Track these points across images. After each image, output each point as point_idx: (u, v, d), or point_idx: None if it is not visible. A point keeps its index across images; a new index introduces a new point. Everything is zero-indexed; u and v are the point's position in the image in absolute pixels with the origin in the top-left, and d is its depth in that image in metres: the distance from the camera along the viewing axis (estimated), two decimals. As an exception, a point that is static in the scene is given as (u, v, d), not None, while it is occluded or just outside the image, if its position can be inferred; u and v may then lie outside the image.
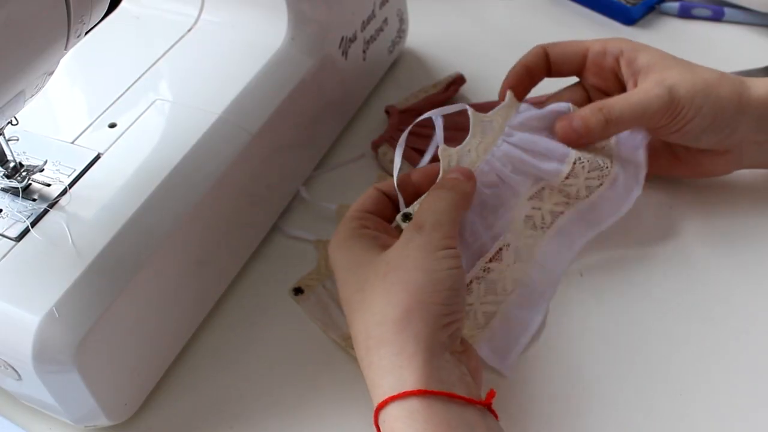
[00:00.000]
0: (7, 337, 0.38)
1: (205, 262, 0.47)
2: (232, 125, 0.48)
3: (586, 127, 0.48)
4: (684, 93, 0.48)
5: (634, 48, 0.51)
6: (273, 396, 0.46)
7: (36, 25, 0.34)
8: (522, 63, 0.53)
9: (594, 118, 0.48)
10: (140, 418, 0.45)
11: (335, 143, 0.60)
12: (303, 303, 0.50)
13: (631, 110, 0.48)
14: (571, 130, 0.49)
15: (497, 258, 0.48)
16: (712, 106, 0.48)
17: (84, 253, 0.40)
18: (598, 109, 0.48)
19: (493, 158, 0.49)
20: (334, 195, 0.56)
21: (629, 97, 0.49)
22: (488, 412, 0.38)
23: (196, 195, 0.45)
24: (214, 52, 0.53)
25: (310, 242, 0.53)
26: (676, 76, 0.49)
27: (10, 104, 0.37)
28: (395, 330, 0.38)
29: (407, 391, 0.36)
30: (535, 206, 0.50)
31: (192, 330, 0.48)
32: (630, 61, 0.50)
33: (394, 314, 0.38)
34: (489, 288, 0.48)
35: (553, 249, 0.51)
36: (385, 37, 0.63)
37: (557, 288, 0.50)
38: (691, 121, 0.49)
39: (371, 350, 0.38)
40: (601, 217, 0.51)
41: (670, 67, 0.49)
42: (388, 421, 0.37)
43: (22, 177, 0.43)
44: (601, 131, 0.49)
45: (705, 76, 0.49)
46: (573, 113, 0.50)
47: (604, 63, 0.52)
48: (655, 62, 0.50)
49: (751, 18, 0.71)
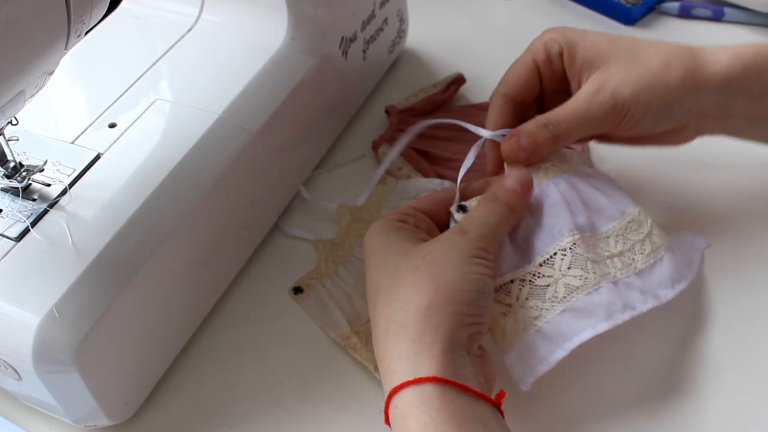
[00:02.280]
0: (7, 337, 0.38)
1: (205, 262, 0.47)
2: (232, 125, 0.48)
3: (534, 145, 0.46)
4: (628, 94, 0.46)
5: (572, 42, 0.48)
6: (273, 396, 0.46)
7: (36, 24, 0.34)
8: (493, 124, 0.49)
9: (541, 135, 0.46)
10: (140, 418, 0.45)
11: (335, 143, 0.60)
12: (303, 302, 0.50)
13: (578, 123, 0.46)
14: (519, 149, 0.46)
15: (549, 263, 0.43)
16: (661, 98, 0.46)
17: (84, 253, 0.40)
18: (543, 126, 0.46)
19: (561, 181, 0.46)
20: (334, 195, 0.56)
21: (574, 109, 0.46)
22: (497, 411, 0.38)
23: (196, 195, 0.45)
24: (214, 52, 0.53)
25: (310, 242, 0.53)
26: (618, 74, 0.46)
27: (10, 104, 0.37)
28: (417, 318, 0.38)
29: (423, 377, 0.36)
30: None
31: (192, 330, 0.48)
32: (571, 60, 0.48)
33: (418, 303, 0.38)
34: (534, 292, 0.43)
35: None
36: (385, 37, 0.63)
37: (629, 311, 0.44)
38: (640, 120, 0.47)
39: (389, 335, 0.38)
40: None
41: (611, 62, 0.47)
42: (401, 407, 0.36)
43: (22, 177, 0.43)
44: (550, 148, 0.47)
45: (650, 66, 0.46)
46: (518, 130, 0.47)
47: (553, 68, 0.49)
48: (593, 57, 0.47)
49: (751, 18, 0.71)
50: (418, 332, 0.37)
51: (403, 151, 0.58)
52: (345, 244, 0.53)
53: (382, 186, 0.56)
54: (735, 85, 0.47)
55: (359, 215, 0.54)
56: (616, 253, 0.45)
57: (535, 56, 0.49)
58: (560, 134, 0.46)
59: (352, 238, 0.53)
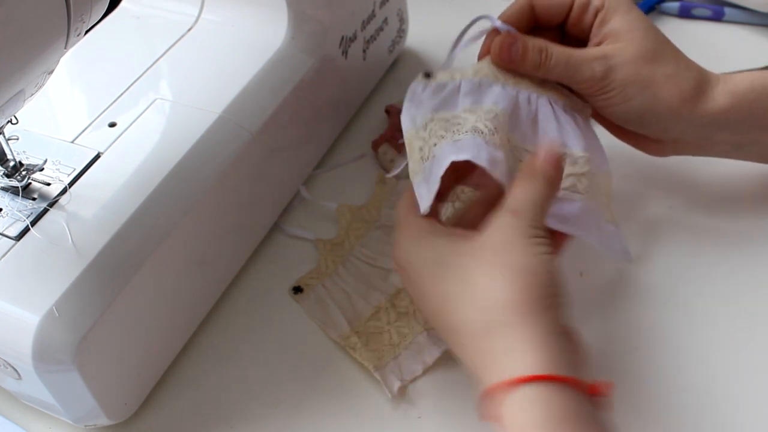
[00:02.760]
0: (7, 336, 0.38)
1: (205, 262, 0.47)
2: (232, 125, 0.48)
3: (520, 59, 0.48)
4: (619, 79, 0.47)
5: (615, 7, 0.49)
6: (273, 395, 0.46)
7: (36, 23, 0.34)
8: (506, 18, 0.50)
9: (531, 55, 0.48)
10: (140, 418, 0.45)
11: (335, 143, 0.60)
12: (302, 302, 0.50)
13: (564, 68, 0.48)
14: (506, 51, 0.48)
15: (477, 112, 0.46)
16: (643, 102, 0.48)
17: (84, 252, 0.40)
18: (538, 50, 0.48)
19: (525, 93, 0.48)
20: (334, 195, 0.56)
21: (569, 57, 0.48)
22: (600, 401, 0.37)
23: (196, 194, 0.45)
24: (214, 51, 0.53)
25: (310, 241, 0.53)
26: (627, 57, 0.48)
27: (10, 103, 0.36)
28: (505, 312, 0.37)
29: (531, 376, 0.35)
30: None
31: (192, 329, 0.48)
32: (602, 22, 0.49)
33: (506, 297, 0.37)
34: (448, 127, 0.45)
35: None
36: (385, 37, 0.63)
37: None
38: (617, 105, 0.49)
39: (479, 336, 0.37)
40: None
41: (632, 44, 0.48)
42: (510, 405, 0.35)
43: (22, 176, 0.43)
44: (530, 70, 0.48)
45: (656, 72, 0.48)
46: (519, 37, 0.48)
47: (584, 16, 0.50)
48: (621, 32, 0.48)
49: (751, 18, 0.71)
50: (510, 327, 0.37)
51: (402, 151, 0.58)
52: (345, 243, 0.53)
53: (382, 186, 0.56)
54: (723, 119, 0.49)
55: (359, 215, 0.54)
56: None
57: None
58: (546, 66, 0.48)
59: (352, 237, 0.53)
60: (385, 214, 0.54)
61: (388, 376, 0.45)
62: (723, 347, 0.47)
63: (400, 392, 0.45)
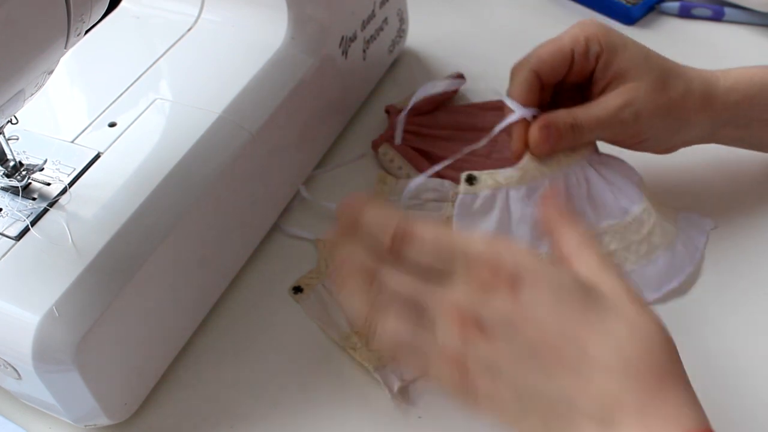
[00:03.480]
0: (7, 336, 0.38)
1: (205, 262, 0.47)
2: (232, 125, 0.48)
3: (559, 141, 0.49)
4: (647, 117, 0.49)
5: (613, 47, 0.49)
6: (273, 395, 0.46)
7: (36, 23, 0.34)
8: (516, 97, 0.50)
9: (567, 134, 0.49)
10: (140, 418, 0.45)
11: (335, 143, 0.60)
12: (302, 302, 0.50)
13: (599, 129, 0.49)
14: (546, 141, 0.49)
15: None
16: (671, 126, 0.50)
17: (84, 252, 0.40)
18: (571, 127, 0.49)
19: (572, 174, 0.49)
20: (334, 195, 0.56)
21: (599, 116, 0.49)
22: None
23: (196, 194, 0.45)
24: (214, 51, 0.53)
25: (310, 241, 0.53)
26: (645, 95, 0.49)
27: (10, 103, 0.36)
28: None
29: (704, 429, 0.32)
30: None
31: (192, 329, 0.48)
32: (606, 64, 0.49)
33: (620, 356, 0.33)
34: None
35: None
36: (385, 37, 0.63)
37: None
38: (648, 140, 0.50)
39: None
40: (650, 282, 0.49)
41: (642, 79, 0.49)
42: None
43: (22, 176, 0.43)
44: (569, 145, 0.49)
45: (673, 95, 0.49)
46: (550, 122, 0.49)
47: (586, 64, 0.50)
48: (628, 70, 0.49)
49: (751, 18, 0.71)
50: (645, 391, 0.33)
51: (403, 150, 0.58)
52: None
53: (382, 186, 0.56)
54: (726, 116, 0.51)
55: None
56: (610, 251, 0.46)
57: (575, 46, 0.50)
58: (583, 136, 0.49)
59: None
60: None
61: (388, 376, 0.45)
62: (725, 347, 0.47)
63: (401, 392, 0.45)
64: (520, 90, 0.49)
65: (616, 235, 0.47)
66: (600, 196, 0.48)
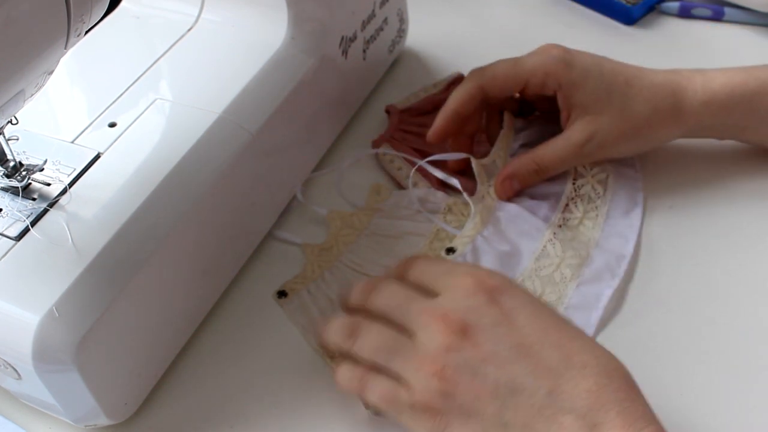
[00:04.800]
0: (7, 336, 0.38)
1: (206, 261, 0.47)
2: (232, 125, 0.48)
3: (522, 186, 0.53)
4: (611, 145, 0.52)
5: (572, 84, 0.51)
6: (273, 395, 0.46)
7: (36, 23, 0.34)
8: (454, 108, 0.53)
9: (530, 177, 0.53)
10: (140, 418, 0.45)
11: (335, 143, 0.60)
12: (285, 306, 0.50)
13: (561, 165, 0.53)
14: (510, 190, 0.53)
15: (544, 254, 0.50)
16: (638, 146, 0.53)
17: (84, 252, 0.40)
18: (534, 171, 0.52)
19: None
20: (334, 195, 0.56)
21: (560, 155, 0.52)
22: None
23: (196, 194, 0.45)
24: (214, 51, 0.53)
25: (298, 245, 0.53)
26: (607, 125, 0.51)
27: (10, 103, 0.36)
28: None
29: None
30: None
31: (192, 329, 0.48)
32: (567, 98, 0.52)
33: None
34: (545, 281, 0.49)
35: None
36: (385, 37, 0.63)
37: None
38: (615, 155, 0.54)
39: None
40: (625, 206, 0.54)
41: (604, 112, 0.51)
42: None
43: (22, 176, 0.43)
44: (535, 184, 0.53)
45: (637, 120, 0.51)
46: (512, 173, 0.53)
47: (543, 93, 0.53)
48: (589, 104, 0.51)
49: (751, 18, 0.71)
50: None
51: (403, 151, 0.58)
52: (333, 249, 0.52)
53: (376, 196, 0.56)
54: (704, 125, 0.53)
55: (349, 221, 0.54)
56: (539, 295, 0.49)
57: (531, 78, 0.52)
58: (547, 174, 0.53)
59: (341, 243, 0.53)
60: (375, 223, 0.54)
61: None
62: (724, 346, 0.47)
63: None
64: (461, 101, 0.53)
65: (533, 277, 0.50)
66: (515, 241, 0.51)
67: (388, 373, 0.38)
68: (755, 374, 0.46)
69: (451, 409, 0.36)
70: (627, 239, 0.51)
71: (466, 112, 0.53)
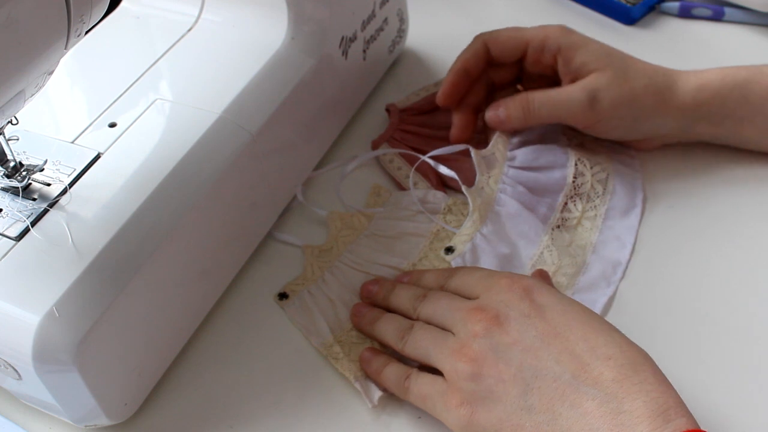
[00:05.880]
0: (7, 336, 0.38)
1: (206, 261, 0.47)
2: (232, 125, 0.48)
3: (507, 116, 0.54)
4: (608, 104, 0.51)
5: (572, 45, 0.52)
6: (273, 396, 0.46)
7: (36, 24, 0.34)
8: (461, 64, 0.55)
9: (515, 110, 0.53)
10: (140, 418, 0.45)
11: (335, 143, 0.60)
12: (287, 308, 0.50)
13: (551, 106, 0.53)
14: (496, 117, 0.54)
15: (540, 261, 0.51)
16: (634, 115, 0.52)
17: (84, 252, 0.40)
18: (520, 104, 0.53)
19: (506, 186, 0.53)
20: (334, 195, 0.56)
21: (551, 95, 0.52)
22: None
23: (196, 195, 0.45)
24: (215, 51, 0.53)
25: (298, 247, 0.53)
26: (605, 82, 0.51)
27: (10, 104, 0.37)
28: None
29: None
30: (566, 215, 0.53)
31: (192, 329, 0.48)
32: (567, 60, 0.52)
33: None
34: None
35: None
36: (385, 37, 0.63)
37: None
38: (614, 128, 0.53)
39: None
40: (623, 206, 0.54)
41: (604, 70, 0.52)
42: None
43: (22, 176, 0.43)
44: (521, 121, 0.54)
45: (634, 85, 0.52)
46: (501, 102, 0.54)
47: (542, 58, 0.54)
48: (589, 63, 0.52)
49: (751, 18, 0.71)
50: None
51: (403, 151, 0.58)
52: (333, 250, 0.52)
53: (376, 198, 0.56)
54: (698, 113, 0.53)
55: (349, 222, 0.54)
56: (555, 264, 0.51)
57: (532, 41, 0.53)
58: (532, 112, 0.53)
59: (341, 244, 0.53)
60: (375, 224, 0.54)
61: (369, 386, 0.45)
62: (724, 346, 0.47)
63: (381, 402, 0.45)
64: (468, 55, 0.55)
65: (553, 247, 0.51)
66: (538, 158, 0.53)
67: (430, 368, 0.42)
68: (755, 374, 0.46)
69: (478, 392, 0.38)
70: (624, 244, 0.51)
71: (473, 69, 0.55)
